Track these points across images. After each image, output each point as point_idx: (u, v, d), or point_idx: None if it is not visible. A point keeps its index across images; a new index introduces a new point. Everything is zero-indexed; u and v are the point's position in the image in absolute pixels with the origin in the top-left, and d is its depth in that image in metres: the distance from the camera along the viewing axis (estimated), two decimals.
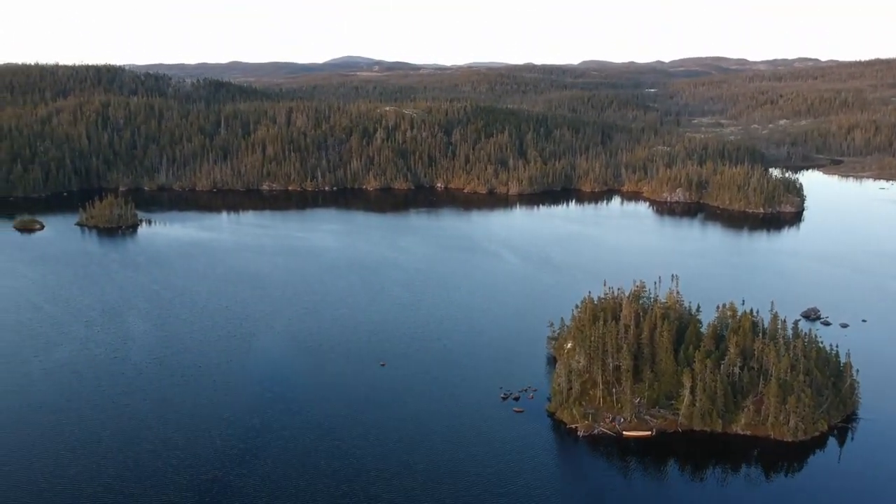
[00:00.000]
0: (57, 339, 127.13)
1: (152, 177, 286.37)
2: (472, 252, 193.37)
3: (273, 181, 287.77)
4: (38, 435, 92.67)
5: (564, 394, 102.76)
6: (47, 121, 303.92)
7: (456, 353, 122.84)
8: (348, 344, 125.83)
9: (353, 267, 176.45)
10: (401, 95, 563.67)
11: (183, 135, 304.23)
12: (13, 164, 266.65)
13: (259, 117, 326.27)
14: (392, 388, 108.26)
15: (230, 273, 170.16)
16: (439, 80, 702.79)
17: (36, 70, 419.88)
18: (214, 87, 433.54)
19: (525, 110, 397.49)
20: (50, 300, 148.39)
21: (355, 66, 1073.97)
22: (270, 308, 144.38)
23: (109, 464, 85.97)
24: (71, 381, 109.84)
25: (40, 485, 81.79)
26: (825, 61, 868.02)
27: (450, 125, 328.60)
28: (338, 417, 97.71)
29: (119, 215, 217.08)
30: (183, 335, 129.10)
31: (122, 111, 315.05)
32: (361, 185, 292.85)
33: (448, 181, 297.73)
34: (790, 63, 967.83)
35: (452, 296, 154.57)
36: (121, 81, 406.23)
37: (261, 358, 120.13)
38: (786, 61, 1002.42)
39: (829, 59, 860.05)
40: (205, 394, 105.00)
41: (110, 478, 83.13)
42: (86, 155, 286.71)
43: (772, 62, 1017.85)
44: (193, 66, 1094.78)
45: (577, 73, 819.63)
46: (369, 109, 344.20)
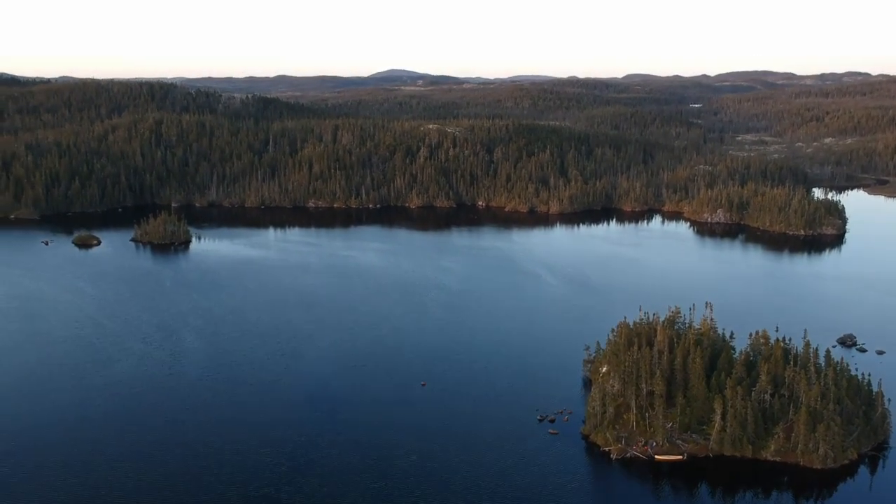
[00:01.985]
0: (116, 355, 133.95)
1: (203, 193, 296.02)
2: (512, 272, 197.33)
3: (319, 198, 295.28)
4: (95, 447, 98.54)
5: (599, 417, 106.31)
6: (103, 138, 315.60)
7: (495, 373, 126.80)
8: (390, 363, 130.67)
9: (396, 286, 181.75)
10: (444, 111, 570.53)
11: (233, 152, 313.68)
12: (71, 180, 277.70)
13: (306, 135, 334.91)
14: (432, 407, 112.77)
15: (278, 291, 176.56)
16: (482, 95, 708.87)
17: (92, 86, 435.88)
18: (263, 104, 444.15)
19: (567, 128, 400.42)
20: (108, 316, 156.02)
21: (399, 80, 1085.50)
22: (316, 326, 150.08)
23: (162, 476, 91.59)
24: (128, 395, 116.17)
25: (97, 494, 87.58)
26: (876, 76, 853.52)
27: (492, 143, 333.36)
28: (381, 436, 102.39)
29: (172, 232, 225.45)
30: (233, 352, 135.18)
31: (174, 128, 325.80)
32: (404, 203, 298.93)
33: (489, 200, 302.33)
34: (839, 77, 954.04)
35: (492, 316, 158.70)
36: (173, 98, 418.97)
37: (307, 375, 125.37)
38: (834, 75, 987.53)
39: (879, 74, 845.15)
40: (254, 410, 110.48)
41: (163, 489, 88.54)
42: (140, 171, 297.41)
43: (820, 77, 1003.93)
44: (242, 80, 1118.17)
45: (620, 88, 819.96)
46: (413, 127, 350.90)
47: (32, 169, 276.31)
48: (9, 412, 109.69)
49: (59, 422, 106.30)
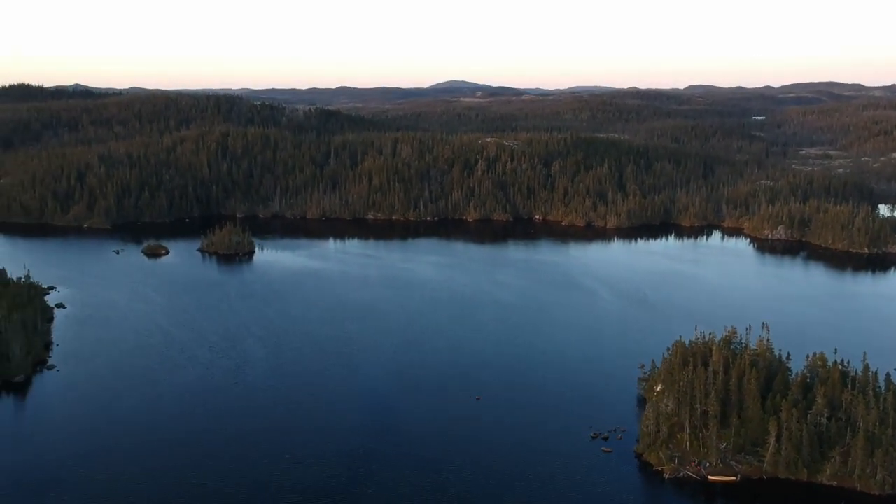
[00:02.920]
0: (182, 362, 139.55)
1: (266, 205, 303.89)
2: (567, 287, 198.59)
3: (378, 211, 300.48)
4: (162, 453, 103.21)
5: (652, 436, 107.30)
6: (172, 150, 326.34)
7: (549, 389, 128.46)
8: (446, 376, 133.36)
9: (452, 300, 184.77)
10: (502, 123, 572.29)
11: (295, 165, 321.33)
12: (141, 191, 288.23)
13: (366, 148, 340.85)
14: (486, 421, 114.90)
15: (338, 302, 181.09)
16: (541, 107, 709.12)
17: (161, 99, 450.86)
18: (325, 117, 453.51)
19: (626, 141, 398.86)
20: (176, 324, 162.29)
21: (459, 92, 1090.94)
22: (374, 339, 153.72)
23: (222, 483, 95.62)
24: (194, 402, 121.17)
25: (165, 499, 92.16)
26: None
27: (549, 157, 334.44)
28: (436, 450, 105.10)
29: (237, 242, 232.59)
30: (294, 363, 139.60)
31: (240, 141, 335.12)
32: (461, 216, 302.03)
33: (546, 213, 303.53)
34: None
35: (547, 332, 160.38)
36: (239, 111, 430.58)
37: (365, 387, 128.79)
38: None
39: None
40: (314, 421, 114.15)
41: (223, 497, 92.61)
42: (206, 183, 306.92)
43: (889, 88, 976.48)
44: (304, 91, 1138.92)
45: (681, 100, 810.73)
46: (471, 140, 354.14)
47: (105, 180, 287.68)
48: (84, 416, 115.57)
49: (130, 427, 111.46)
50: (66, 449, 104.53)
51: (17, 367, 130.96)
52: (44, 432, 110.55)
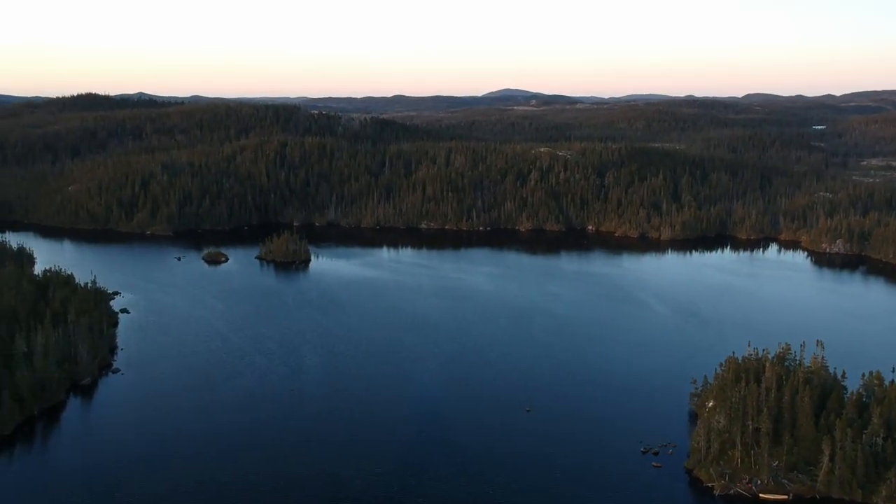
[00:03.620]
0: (241, 368, 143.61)
1: (322, 213, 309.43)
2: (620, 300, 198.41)
3: (431, 220, 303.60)
4: (217, 458, 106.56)
5: (703, 452, 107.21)
6: (232, 159, 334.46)
7: (600, 402, 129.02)
8: (497, 388, 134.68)
9: (504, 311, 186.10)
10: (556, 132, 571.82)
11: (351, 174, 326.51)
12: (202, 198, 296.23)
13: (420, 157, 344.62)
14: (537, 434, 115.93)
15: (391, 311, 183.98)
16: (595, 116, 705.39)
17: (222, 108, 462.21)
18: (380, 126, 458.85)
19: (681, 151, 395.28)
20: (235, 330, 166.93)
21: (513, 100, 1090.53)
22: (426, 349, 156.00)
23: (275, 490, 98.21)
24: (251, 408, 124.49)
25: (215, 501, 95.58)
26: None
27: (603, 167, 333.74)
28: (487, 462, 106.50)
29: (294, 251, 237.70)
30: (349, 371, 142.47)
31: (297, 150, 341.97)
32: (514, 226, 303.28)
33: (599, 224, 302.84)
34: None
35: (599, 345, 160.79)
36: (296, 120, 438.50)
37: (417, 397, 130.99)
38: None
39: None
40: (366, 431, 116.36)
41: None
42: (265, 191, 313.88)
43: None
44: (360, 100, 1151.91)
45: (739, 108, 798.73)
46: (524, 150, 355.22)
47: (167, 188, 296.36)
48: (147, 419, 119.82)
49: (189, 432, 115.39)
50: (129, 451, 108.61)
51: (85, 370, 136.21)
52: (109, 434, 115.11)
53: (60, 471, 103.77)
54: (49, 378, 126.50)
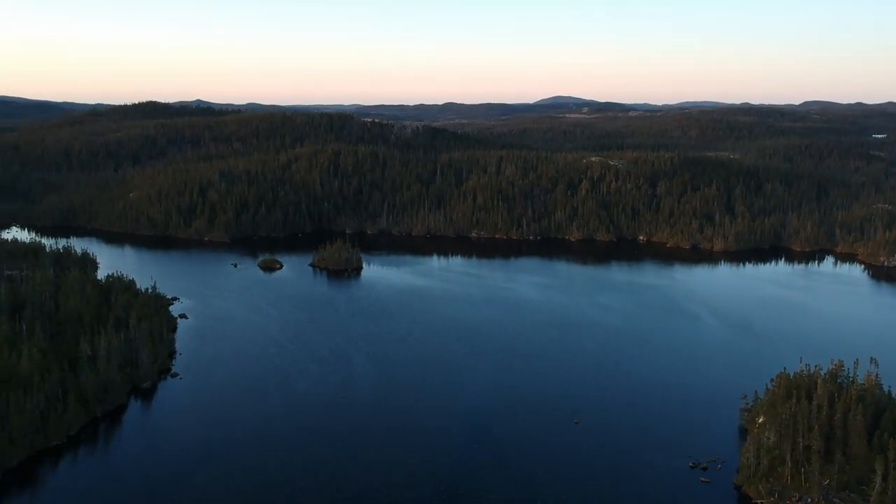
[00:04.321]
0: (294, 375, 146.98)
1: (374, 221, 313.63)
2: (670, 312, 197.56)
3: (481, 229, 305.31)
4: (271, 463, 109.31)
5: (752, 468, 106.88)
6: (287, 167, 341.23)
7: (648, 415, 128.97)
8: (545, 399, 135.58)
9: (553, 321, 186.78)
10: (608, 140, 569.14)
11: (403, 183, 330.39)
12: (258, 206, 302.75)
13: (471, 166, 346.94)
14: (585, 446, 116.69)
15: (441, 321, 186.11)
16: (648, 124, 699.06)
17: (278, 117, 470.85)
18: (431, 134, 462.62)
19: (735, 161, 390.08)
20: (289, 337, 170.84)
21: (564, 108, 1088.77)
22: (476, 359, 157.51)
23: (321, 495, 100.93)
24: (303, 415, 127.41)
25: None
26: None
27: (655, 177, 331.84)
28: (535, 473, 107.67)
29: (346, 259, 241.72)
30: (399, 379, 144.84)
31: (350, 159, 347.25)
32: (564, 236, 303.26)
33: (651, 235, 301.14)
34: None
35: (649, 357, 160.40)
36: (350, 129, 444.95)
37: (466, 406, 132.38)
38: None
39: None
40: (415, 439, 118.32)
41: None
42: (318, 200, 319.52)
43: None
44: (412, 108, 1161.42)
45: (796, 116, 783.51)
46: (575, 159, 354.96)
47: (225, 195, 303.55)
48: (203, 423, 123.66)
49: (244, 437, 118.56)
50: (187, 453, 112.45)
51: (145, 374, 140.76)
52: (168, 436, 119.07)
53: (121, 470, 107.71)
54: (112, 381, 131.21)
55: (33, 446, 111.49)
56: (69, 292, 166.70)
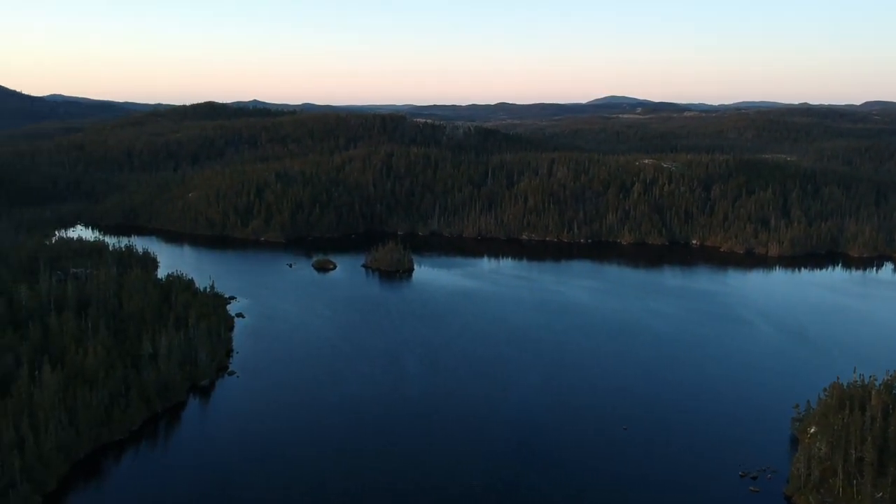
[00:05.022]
0: (347, 375, 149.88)
1: (426, 223, 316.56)
2: (723, 318, 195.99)
3: (532, 231, 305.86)
4: (323, 462, 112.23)
5: (803, 479, 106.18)
6: (341, 168, 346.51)
7: (698, 422, 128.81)
8: (594, 404, 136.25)
9: (604, 326, 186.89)
10: (661, 142, 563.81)
11: (454, 184, 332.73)
12: (313, 207, 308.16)
13: (522, 168, 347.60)
14: (632, 453, 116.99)
15: (491, 323, 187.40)
16: (703, 125, 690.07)
17: (332, 118, 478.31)
18: (483, 135, 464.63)
19: (792, 164, 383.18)
20: (342, 338, 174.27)
21: (618, 108, 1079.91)
22: (525, 362, 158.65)
23: (371, 497, 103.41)
24: (355, 415, 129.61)
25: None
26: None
27: (709, 180, 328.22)
28: (582, 478, 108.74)
29: (398, 260, 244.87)
30: (448, 382, 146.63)
31: (403, 161, 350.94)
32: (616, 239, 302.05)
33: (704, 239, 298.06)
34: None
35: (700, 364, 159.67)
36: (402, 130, 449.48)
37: (515, 411, 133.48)
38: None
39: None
40: (463, 443, 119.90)
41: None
42: (371, 201, 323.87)
43: None
44: (465, 108, 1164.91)
45: (856, 117, 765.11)
46: (628, 162, 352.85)
47: (280, 196, 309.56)
48: (259, 421, 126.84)
49: (298, 435, 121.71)
50: (242, 450, 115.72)
51: (204, 372, 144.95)
52: (225, 433, 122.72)
53: (180, 466, 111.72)
54: (172, 379, 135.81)
55: (98, 440, 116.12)
56: (132, 291, 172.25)
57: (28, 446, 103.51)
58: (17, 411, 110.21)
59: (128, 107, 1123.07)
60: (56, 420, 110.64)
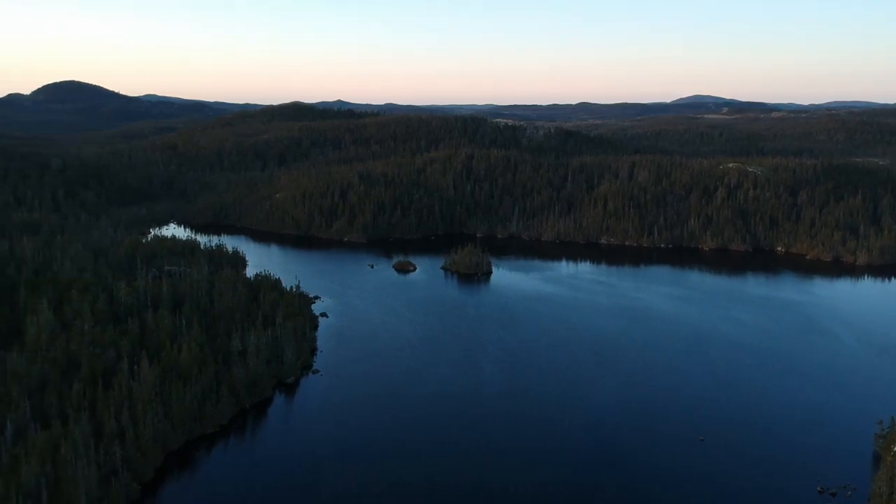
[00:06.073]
0: (426, 377, 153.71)
1: (504, 226, 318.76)
2: (808, 329, 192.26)
3: (611, 236, 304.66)
4: (402, 462, 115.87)
5: (885, 497, 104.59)
6: (422, 170, 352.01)
7: (777, 436, 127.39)
8: (670, 413, 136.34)
9: (682, 334, 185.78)
10: (747, 144, 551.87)
11: (534, 187, 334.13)
12: (394, 208, 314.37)
13: (602, 171, 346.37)
14: (708, 464, 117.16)
15: (568, 329, 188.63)
16: (791, 126, 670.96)
17: (414, 120, 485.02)
18: (563, 137, 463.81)
19: (884, 169, 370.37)
20: (421, 339, 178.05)
21: (703, 108, 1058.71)
22: (602, 370, 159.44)
23: (451, 494, 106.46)
24: (432, 417, 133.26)
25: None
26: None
27: (796, 185, 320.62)
28: (657, 488, 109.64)
29: (476, 263, 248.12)
30: (525, 387, 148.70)
31: (483, 163, 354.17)
32: (697, 245, 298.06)
33: (789, 246, 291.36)
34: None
35: (781, 376, 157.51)
36: (483, 132, 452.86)
37: (590, 418, 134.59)
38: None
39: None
40: (538, 450, 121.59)
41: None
42: (451, 203, 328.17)
43: None
44: (545, 108, 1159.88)
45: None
46: (711, 166, 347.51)
47: (363, 197, 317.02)
48: (341, 419, 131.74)
49: (378, 433, 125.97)
50: (325, 447, 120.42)
51: (289, 370, 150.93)
52: (309, 430, 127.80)
53: (265, 460, 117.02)
54: (259, 375, 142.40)
55: (191, 433, 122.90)
56: (223, 290, 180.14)
57: (128, 437, 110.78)
58: (118, 403, 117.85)
59: (217, 106, 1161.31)
60: (153, 413, 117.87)
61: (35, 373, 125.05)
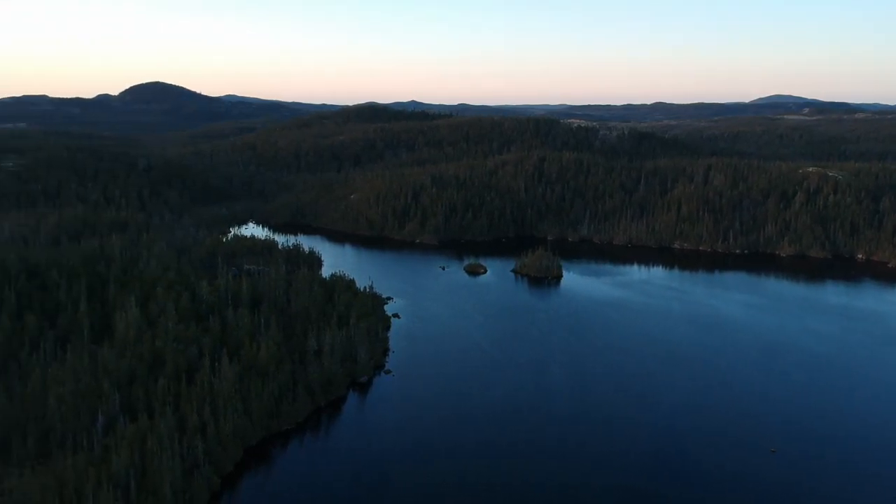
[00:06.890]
0: (494, 380, 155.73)
1: (575, 229, 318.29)
2: (887, 340, 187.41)
3: (685, 240, 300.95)
4: (468, 463, 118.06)
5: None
6: (494, 173, 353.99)
7: (853, 448, 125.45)
8: (742, 422, 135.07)
9: (757, 344, 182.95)
10: (828, 147, 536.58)
11: (606, 191, 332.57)
12: (466, 211, 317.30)
13: (677, 175, 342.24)
14: (780, 476, 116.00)
15: (639, 336, 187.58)
16: (875, 129, 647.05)
17: (486, 122, 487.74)
18: (637, 139, 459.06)
19: None
20: (491, 342, 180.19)
21: (783, 108, 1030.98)
22: (672, 377, 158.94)
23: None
24: (500, 420, 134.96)
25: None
26: None
27: (879, 191, 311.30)
28: (727, 496, 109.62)
29: (547, 266, 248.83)
30: (594, 394, 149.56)
31: (555, 165, 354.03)
32: (774, 251, 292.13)
33: (870, 253, 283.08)
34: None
35: (857, 387, 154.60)
36: (555, 133, 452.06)
37: (659, 427, 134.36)
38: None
39: None
40: (604, 452, 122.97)
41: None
42: (522, 205, 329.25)
43: None
44: (619, 108, 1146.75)
45: None
46: (790, 170, 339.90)
47: (436, 199, 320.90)
48: (412, 419, 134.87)
49: (446, 435, 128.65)
50: (395, 446, 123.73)
51: (362, 370, 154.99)
52: (380, 429, 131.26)
53: (338, 457, 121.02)
54: (334, 374, 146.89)
55: (268, 429, 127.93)
56: (299, 289, 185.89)
57: (209, 431, 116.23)
58: (200, 399, 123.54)
59: (294, 106, 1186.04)
60: (233, 409, 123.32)
61: (124, 368, 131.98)
